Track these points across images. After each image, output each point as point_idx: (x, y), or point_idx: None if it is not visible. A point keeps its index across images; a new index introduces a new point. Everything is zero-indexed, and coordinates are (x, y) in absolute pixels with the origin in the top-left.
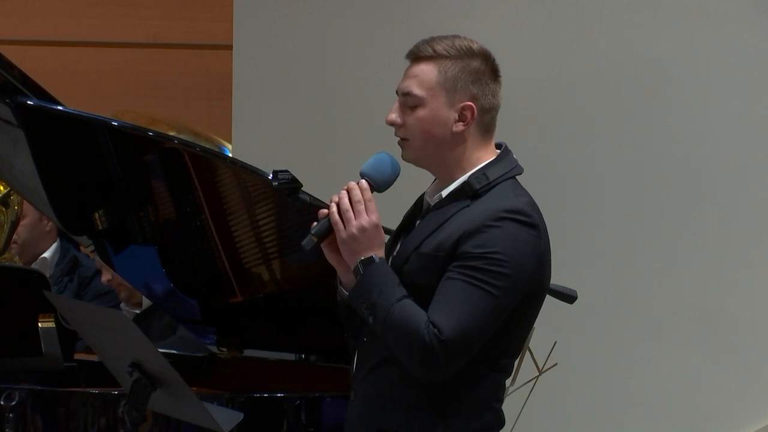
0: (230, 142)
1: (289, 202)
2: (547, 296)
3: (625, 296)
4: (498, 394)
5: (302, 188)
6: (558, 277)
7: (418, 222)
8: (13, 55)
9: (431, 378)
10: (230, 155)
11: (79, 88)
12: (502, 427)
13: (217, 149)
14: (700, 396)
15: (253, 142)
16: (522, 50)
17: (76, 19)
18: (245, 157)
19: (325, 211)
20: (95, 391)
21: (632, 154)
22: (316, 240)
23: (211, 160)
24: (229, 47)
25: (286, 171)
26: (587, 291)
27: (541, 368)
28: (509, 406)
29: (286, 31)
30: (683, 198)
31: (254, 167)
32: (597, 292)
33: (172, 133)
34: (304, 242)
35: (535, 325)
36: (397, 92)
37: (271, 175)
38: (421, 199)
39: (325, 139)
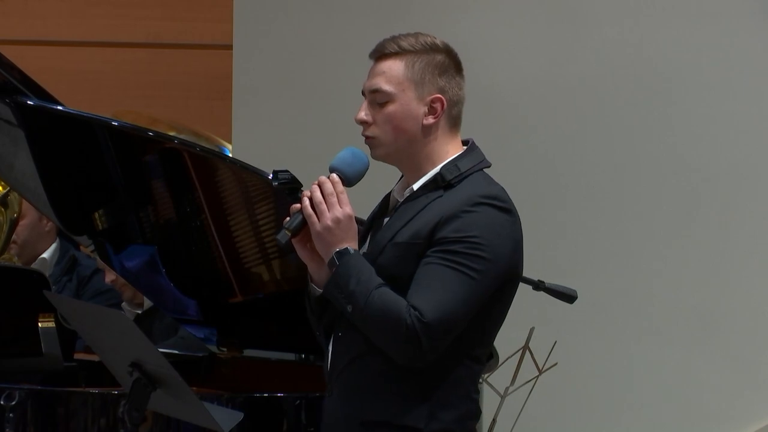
0: (230, 142)
1: (289, 202)
2: (547, 296)
3: (625, 296)
4: (476, 384)
5: (302, 188)
6: (558, 277)
7: (387, 219)
8: (13, 55)
9: (413, 362)
10: (230, 155)
11: (79, 88)
12: (479, 417)
13: (217, 149)
14: (700, 396)
15: (253, 142)
16: (522, 50)
17: (76, 19)
18: (245, 157)
19: (298, 206)
20: (95, 391)
21: (632, 154)
22: (290, 234)
23: (211, 160)
24: (229, 47)
25: (286, 171)
26: (587, 291)
27: (541, 368)
28: (509, 406)
29: (286, 31)
30: (683, 198)
31: (254, 167)
32: (597, 292)
33: (172, 133)
34: (278, 236)
35: (535, 325)
36: (363, 92)
37: (271, 175)
38: (387, 199)
39: (325, 139)
